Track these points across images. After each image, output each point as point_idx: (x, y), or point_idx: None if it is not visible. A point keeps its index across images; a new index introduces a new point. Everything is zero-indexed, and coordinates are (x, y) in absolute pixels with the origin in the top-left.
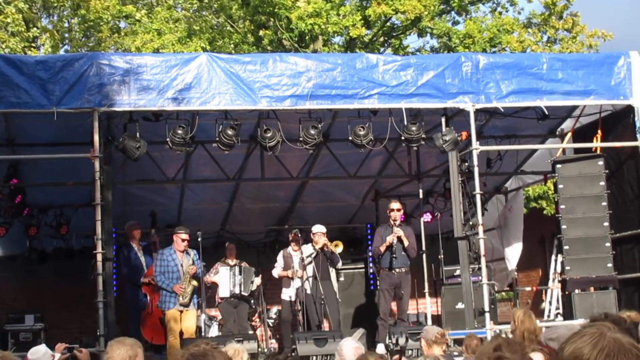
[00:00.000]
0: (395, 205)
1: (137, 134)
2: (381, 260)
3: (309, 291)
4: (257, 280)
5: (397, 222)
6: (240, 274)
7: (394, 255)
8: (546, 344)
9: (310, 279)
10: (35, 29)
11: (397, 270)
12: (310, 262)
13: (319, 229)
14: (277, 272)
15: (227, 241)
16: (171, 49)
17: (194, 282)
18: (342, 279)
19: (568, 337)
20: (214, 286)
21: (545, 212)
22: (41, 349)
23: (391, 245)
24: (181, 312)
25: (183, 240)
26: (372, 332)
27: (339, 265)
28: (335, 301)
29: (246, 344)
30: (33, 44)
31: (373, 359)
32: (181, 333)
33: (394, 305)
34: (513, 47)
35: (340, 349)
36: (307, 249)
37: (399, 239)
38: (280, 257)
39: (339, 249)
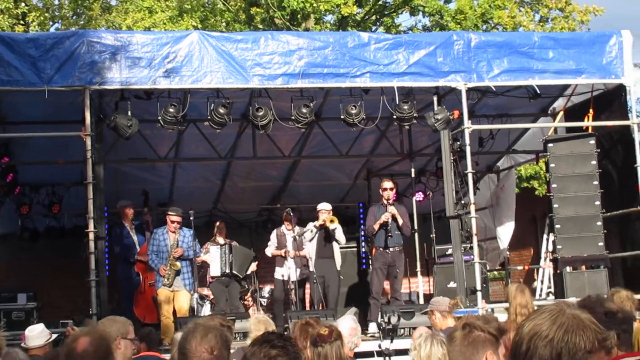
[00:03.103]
0: (388, 184)
1: (129, 112)
2: (375, 239)
3: (311, 268)
4: (253, 266)
5: (391, 201)
6: (230, 253)
7: (389, 234)
8: None
9: (313, 257)
10: (24, 4)
11: (392, 249)
12: (312, 239)
13: (322, 206)
14: (270, 251)
15: (219, 220)
16: (162, 27)
17: (177, 265)
18: None
19: (528, 314)
20: (205, 265)
21: (536, 192)
22: (38, 327)
23: (386, 224)
24: (172, 291)
25: (172, 221)
26: (365, 310)
27: (342, 241)
28: (336, 279)
29: (238, 323)
30: (21, 21)
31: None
32: (174, 313)
33: (386, 285)
34: (504, 22)
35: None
36: (310, 227)
37: (393, 217)
38: (273, 236)
39: (333, 224)
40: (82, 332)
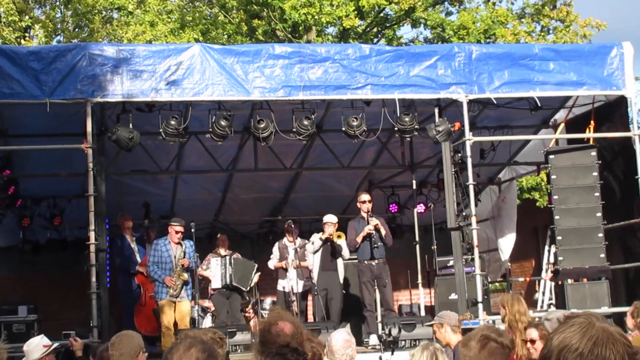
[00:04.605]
0: (365, 196)
1: (130, 124)
2: (358, 252)
3: (313, 280)
4: (256, 278)
5: (370, 213)
6: (230, 265)
7: (375, 245)
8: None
9: (317, 269)
10: (27, 18)
11: (377, 260)
12: (316, 251)
13: (328, 218)
14: (272, 263)
15: (221, 232)
16: (164, 40)
17: (185, 276)
18: None
19: (557, 327)
20: (207, 279)
21: (538, 204)
22: (34, 340)
23: (370, 236)
24: (174, 302)
25: (177, 232)
26: (360, 324)
27: (346, 255)
28: (339, 292)
29: (239, 335)
30: (26, 34)
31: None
32: (176, 324)
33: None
34: (507, 40)
35: (330, 340)
36: (316, 238)
37: (376, 228)
38: (275, 249)
39: (340, 240)
40: (275, 317)
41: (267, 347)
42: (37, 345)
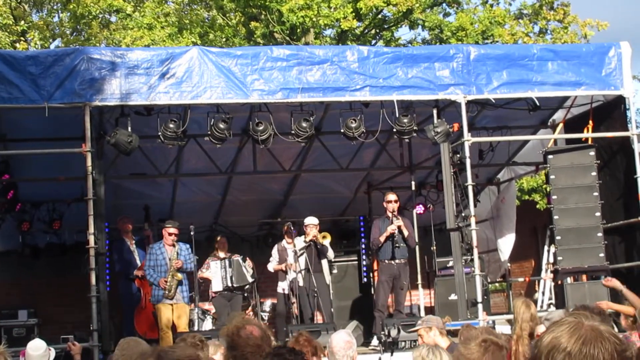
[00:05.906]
0: (392, 196)
1: (129, 128)
2: (380, 251)
3: (301, 283)
4: (250, 265)
5: (395, 213)
6: (230, 267)
7: (397, 245)
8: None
9: (303, 272)
10: (23, 22)
11: (398, 260)
12: (301, 254)
13: (310, 220)
14: (272, 266)
15: (220, 234)
16: (162, 44)
17: (178, 276)
18: (335, 271)
19: (547, 327)
20: (207, 281)
21: (538, 206)
22: (41, 346)
23: (392, 236)
24: (171, 305)
25: (170, 234)
26: (366, 324)
27: (331, 256)
28: (327, 293)
29: None
30: (22, 38)
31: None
32: (174, 327)
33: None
34: (505, 39)
35: (330, 341)
36: (299, 242)
37: (399, 229)
38: (275, 251)
39: (326, 240)
40: (242, 322)
41: (237, 351)
42: (44, 354)
